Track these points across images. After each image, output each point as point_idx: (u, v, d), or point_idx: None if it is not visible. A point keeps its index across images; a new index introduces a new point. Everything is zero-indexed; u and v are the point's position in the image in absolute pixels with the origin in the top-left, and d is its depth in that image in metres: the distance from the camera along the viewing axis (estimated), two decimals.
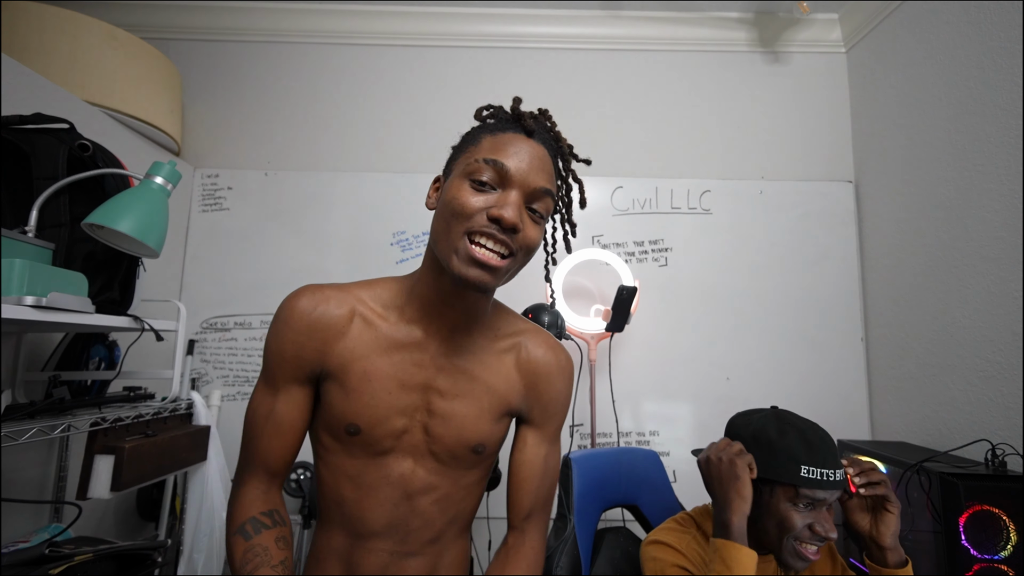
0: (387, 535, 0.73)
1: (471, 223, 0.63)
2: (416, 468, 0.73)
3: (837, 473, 0.89)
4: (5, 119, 1.03)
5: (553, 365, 0.78)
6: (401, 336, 0.72)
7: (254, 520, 0.70)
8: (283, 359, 0.71)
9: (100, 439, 1.12)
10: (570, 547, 1.26)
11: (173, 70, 1.82)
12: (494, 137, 0.67)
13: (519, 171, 0.64)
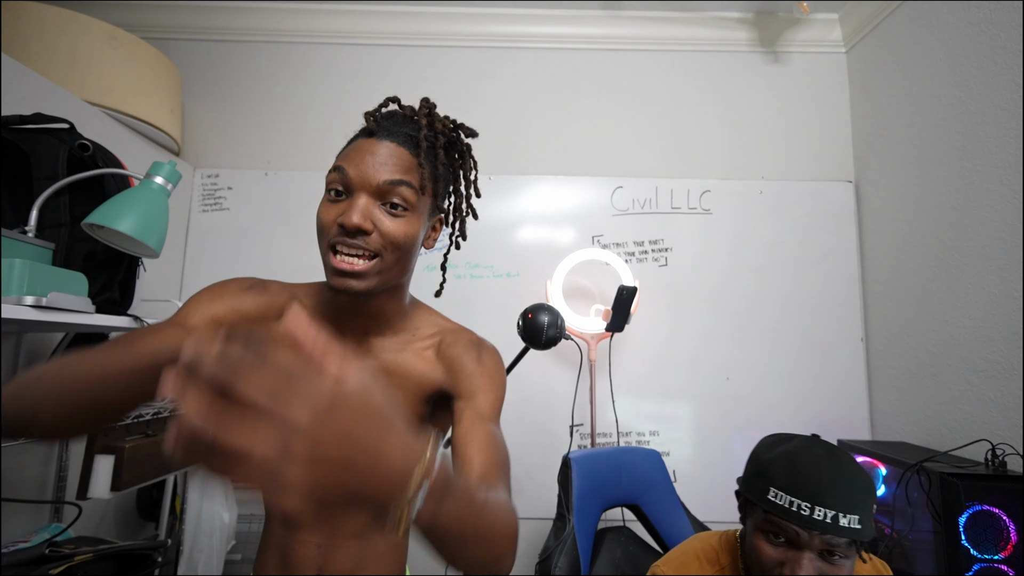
0: (315, 529, 0.74)
1: (329, 236, 0.65)
2: None
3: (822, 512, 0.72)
4: (5, 119, 1.03)
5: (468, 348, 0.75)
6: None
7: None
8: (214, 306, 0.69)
9: (100, 439, 1.12)
10: (569, 547, 1.25)
11: (173, 70, 1.82)
12: (346, 147, 0.68)
13: (359, 173, 0.64)
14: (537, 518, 1.84)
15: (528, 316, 1.35)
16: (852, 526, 0.71)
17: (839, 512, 0.71)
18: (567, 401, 1.84)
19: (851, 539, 0.72)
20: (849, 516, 0.72)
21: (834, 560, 0.73)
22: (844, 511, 0.72)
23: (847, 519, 0.71)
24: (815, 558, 0.73)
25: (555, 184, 2.01)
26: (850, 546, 0.73)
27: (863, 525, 0.72)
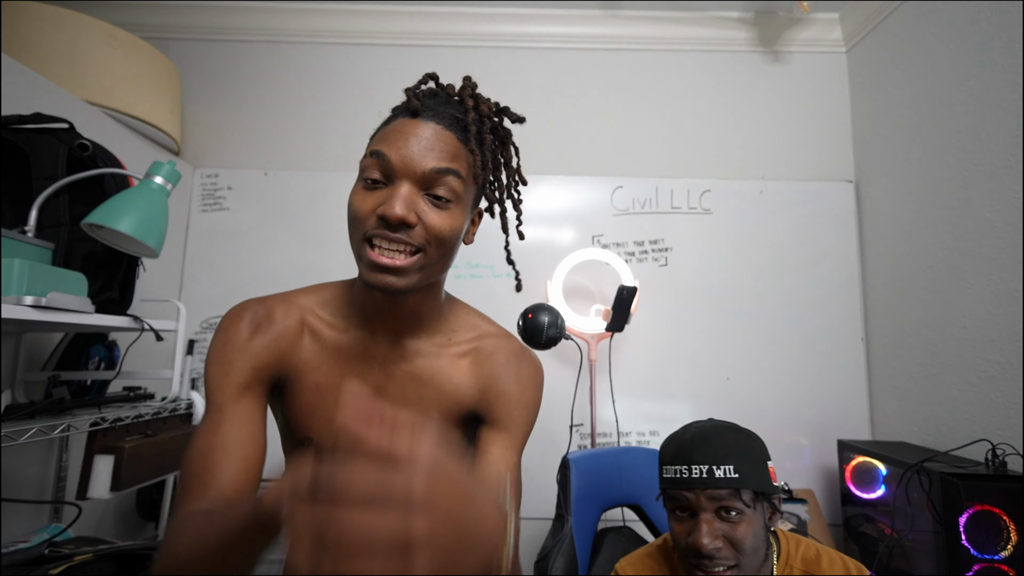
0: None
1: (365, 227, 0.59)
2: None
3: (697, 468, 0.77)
4: (5, 119, 1.03)
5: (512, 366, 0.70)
6: (350, 344, 0.68)
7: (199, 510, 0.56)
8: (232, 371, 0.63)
9: (100, 439, 1.12)
10: (566, 547, 1.25)
11: (173, 70, 1.82)
12: (384, 128, 0.63)
13: (402, 159, 0.58)
14: (536, 518, 1.84)
15: (528, 316, 1.35)
16: (729, 476, 0.76)
17: (712, 465, 0.77)
18: (567, 401, 1.83)
19: (733, 488, 0.76)
20: (724, 467, 0.77)
21: (732, 517, 0.76)
22: (717, 463, 0.77)
23: (722, 469, 0.76)
24: (714, 520, 0.77)
25: (555, 184, 2.00)
26: (740, 496, 0.77)
27: (741, 474, 0.76)
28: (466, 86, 0.69)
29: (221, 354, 0.64)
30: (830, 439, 1.81)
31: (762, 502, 0.80)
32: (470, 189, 0.64)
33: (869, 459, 1.55)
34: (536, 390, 0.72)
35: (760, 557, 0.78)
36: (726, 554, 0.76)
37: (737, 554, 0.76)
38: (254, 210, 1.96)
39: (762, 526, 0.79)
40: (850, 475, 1.63)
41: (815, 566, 0.83)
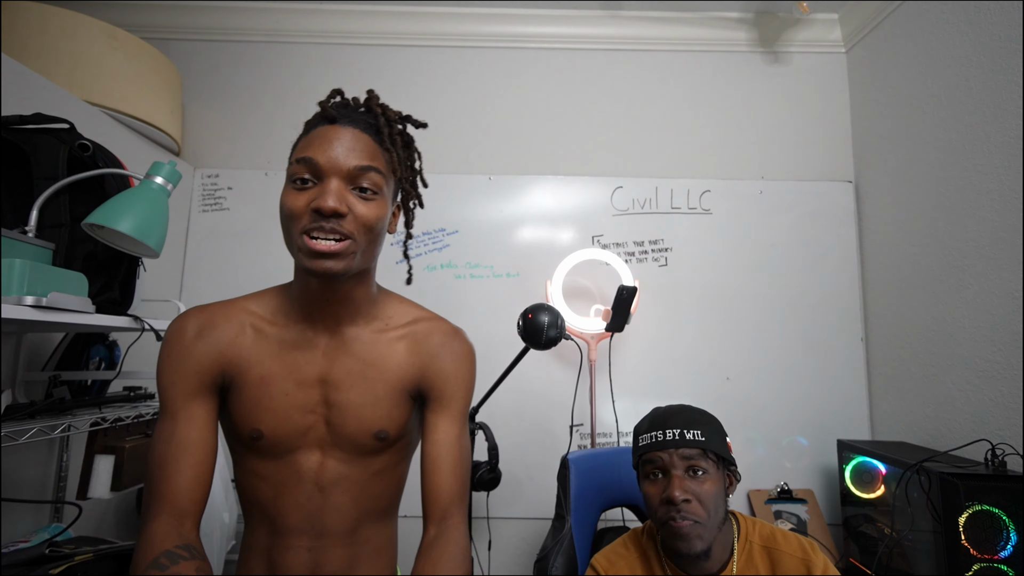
0: (304, 531, 0.74)
1: (302, 223, 0.65)
2: (325, 460, 0.75)
3: (671, 432, 0.90)
4: (5, 119, 1.04)
5: (446, 345, 0.79)
6: (291, 337, 0.74)
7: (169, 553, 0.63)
8: (180, 377, 0.70)
9: (100, 439, 1.12)
10: (566, 547, 1.26)
11: (173, 70, 1.82)
12: (305, 136, 0.70)
13: (328, 159, 0.66)
14: (536, 518, 1.84)
15: (528, 316, 1.35)
16: (697, 438, 0.89)
17: (683, 429, 0.90)
18: (567, 401, 1.84)
19: (701, 448, 0.89)
20: (693, 431, 0.90)
21: (699, 476, 0.89)
22: (687, 428, 0.90)
23: (692, 433, 0.90)
24: (684, 477, 0.89)
25: (555, 184, 2.01)
26: (707, 457, 0.89)
27: (707, 437, 0.90)
28: (372, 97, 0.75)
29: (168, 363, 0.71)
30: (830, 439, 1.81)
31: (723, 469, 0.92)
32: (391, 183, 0.72)
33: (869, 459, 1.56)
34: (471, 365, 0.81)
35: (719, 520, 0.89)
36: (694, 509, 0.86)
37: (702, 511, 0.87)
38: (254, 210, 1.96)
39: (722, 490, 0.91)
40: (850, 475, 1.63)
41: (772, 541, 0.94)
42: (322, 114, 0.70)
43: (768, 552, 0.93)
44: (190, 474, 0.68)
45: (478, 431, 1.49)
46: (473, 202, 1.98)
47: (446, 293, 1.93)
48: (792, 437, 1.87)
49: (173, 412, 0.70)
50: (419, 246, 1.94)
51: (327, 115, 0.69)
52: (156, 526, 0.65)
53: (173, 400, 0.70)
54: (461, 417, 0.80)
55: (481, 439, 1.47)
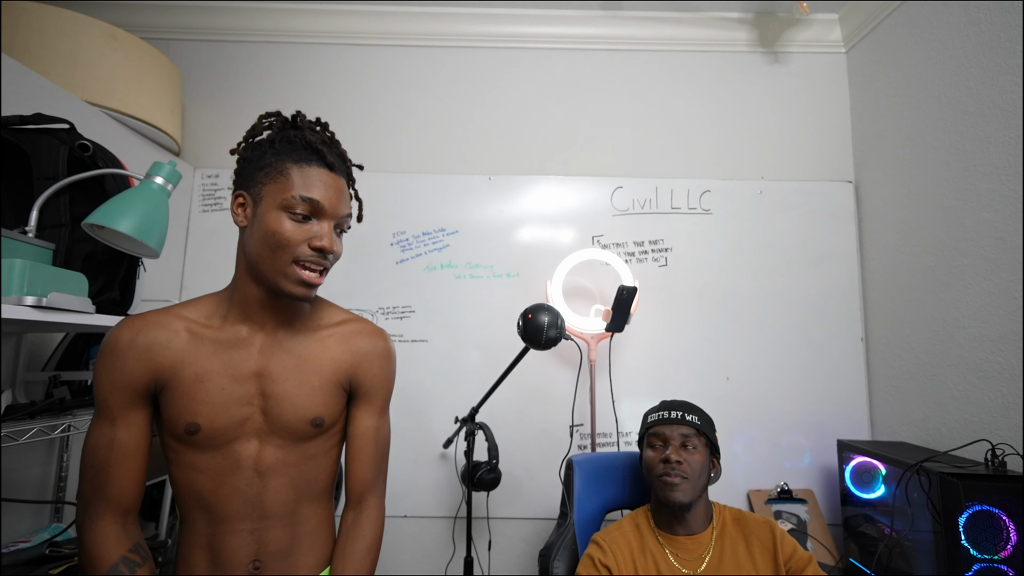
0: (245, 515, 0.80)
1: (296, 253, 0.77)
2: (263, 448, 0.82)
3: (675, 413, 1.19)
4: (5, 119, 1.04)
5: (373, 347, 0.90)
6: (228, 337, 0.82)
7: (126, 559, 0.73)
8: (116, 387, 0.76)
9: None
10: (569, 541, 1.27)
11: (173, 70, 1.82)
12: (301, 171, 0.78)
13: (330, 205, 0.78)
14: (536, 518, 1.84)
15: (528, 316, 1.35)
16: (694, 421, 1.18)
17: (684, 413, 1.19)
18: (567, 401, 1.84)
19: (696, 429, 1.17)
20: (691, 415, 1.19)
21: (690, 449, 1.15)
22: (687, 412, 1.20)
23: (691, 416, 1.19)
24: (679, 448, 1.15)
25: (555, 184, 2.01)
26: (699, 437, 1.17)
27: (701, 423, 1.19)
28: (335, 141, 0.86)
29: (104, 373, 0.77)
30: (830, 439, 1.81)
31: (709, 454, 1.18)
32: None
33: (869, 459, 1.56)
34: (393, 364, 0.94)
35: (701, 485, 1.14)
36: (684, 469, 1.13)
37: (689, 471, 1.13)
38: None
39: (706, 465, 1.16)
40: (850, 475, 1.63)
41: (740, 516, 1.18)
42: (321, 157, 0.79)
43: (738, 522, 1.17)
44: (132, 476, 0.77)
45: (478, 431, 1.49)
46: (473, 202, 1.98)
47: (446, 293, 1.93)
48: (792, 437, 1.87)
49: (112, 418, 0.77)
50: (419, 246, 1.94)
51: (327, 162, 0.79)
52: (104, 527, 0.74)
53: (111, 408, 0.77)
54: (381, 410, 0.92)
55: (481, 439, 1.47)
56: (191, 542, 0.81)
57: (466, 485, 1.49)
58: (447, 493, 1.83)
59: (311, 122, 0.85)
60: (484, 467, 1.48)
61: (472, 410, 1.54)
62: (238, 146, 0.85)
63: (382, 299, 1.91)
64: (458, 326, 1.91)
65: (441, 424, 1.83)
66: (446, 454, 1.82)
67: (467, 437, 1.51)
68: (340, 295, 1.81)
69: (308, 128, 0.83)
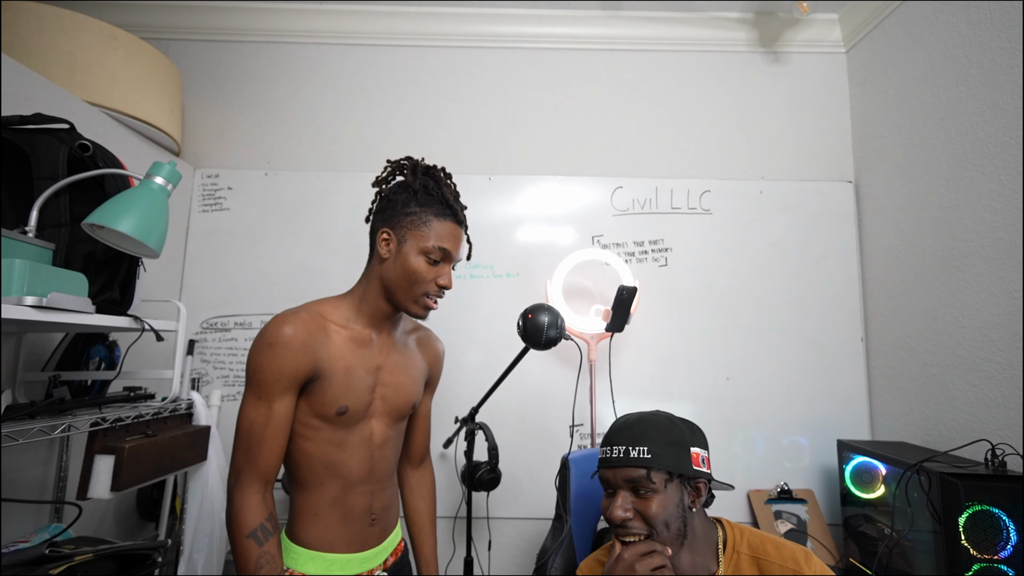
0: (367, 480, 1.01)
1: (426, 288, 1.01)
2: (377, 426, 1.04)
3: (615, 450, 0.88)
4: (5, 119, 1.04)
5: (440, 348, 1.21)
6: (359, 337, 1.02)
7: (263, 527, 0.89)
8: (282, 374, 0.91)
9: (100, 439, 1.12)
10: (566, 547, 1.26)
11: (173, 70, 1.82)
12: (440, 224, 1.00)
13: (455, 253, 1.03)
14: (536, 518, 1.84)
15: (528, 316, 1.35)
16: (642, 456, 0.86)
17: (628, 447, 0.87)
18: (567, 401, 1.84)
19: (645, 467, 0.85)
20: (638, 448, 0.86)
21: (643, 494, 0.86)
22: (633, 445, 0.87)
23: (636, 451, 0.86)
24: (628, 495, 0.87)
25: (555, 184, 2.01)
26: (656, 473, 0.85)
27: (653, 455, 0.86)
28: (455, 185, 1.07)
29: (273, 361, 0.91)
30: (830, 439, 1.81)
31: (679, 483, 0.87)
32: None
33: (869, 459, 1.56)
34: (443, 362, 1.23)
35: (675, 531, 0.86)
36: (636, 525, 0.85)
37: (648, 526, 0.85)
38: (254, 210, 1.96)
39: (676, 504, 0.86)
40: (850, 475, 1.63)
41: (762, 552, 0.89)
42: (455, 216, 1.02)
43: (757, 563, 0.89)
44: (278, 451, 0.93)
45: (478, 431, 1.49)
46: (473, 202, 1.97)
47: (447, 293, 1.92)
48: (792, 437, 1.87)
49: (270, 400, 0.91)
50: None
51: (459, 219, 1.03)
52: (251, 494, 0.90)
53: (272, 391, 0.91)
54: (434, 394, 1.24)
55: (481, 439, 1.47)
56: (323, 502, 0.97)
57: (466, 485, 1.49)
58: (447, 493, 1.83)
59: (444, 174, 1.05)
60: (484, 467, 1.48)
61: (472, 410, 1.54)
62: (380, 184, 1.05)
63: None
64: (458, 326, 1.91)
65: (441, 424, 1.83)
66: (446, 454, 1.82)
67: (467, 437, 1.51)
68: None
69: (444, 183, 1.03)
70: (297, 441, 0.97)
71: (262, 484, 0.91)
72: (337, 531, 0.98)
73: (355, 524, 1.00)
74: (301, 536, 0.98)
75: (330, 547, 0.98)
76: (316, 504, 0.98)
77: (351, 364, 0.98)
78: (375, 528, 1.03)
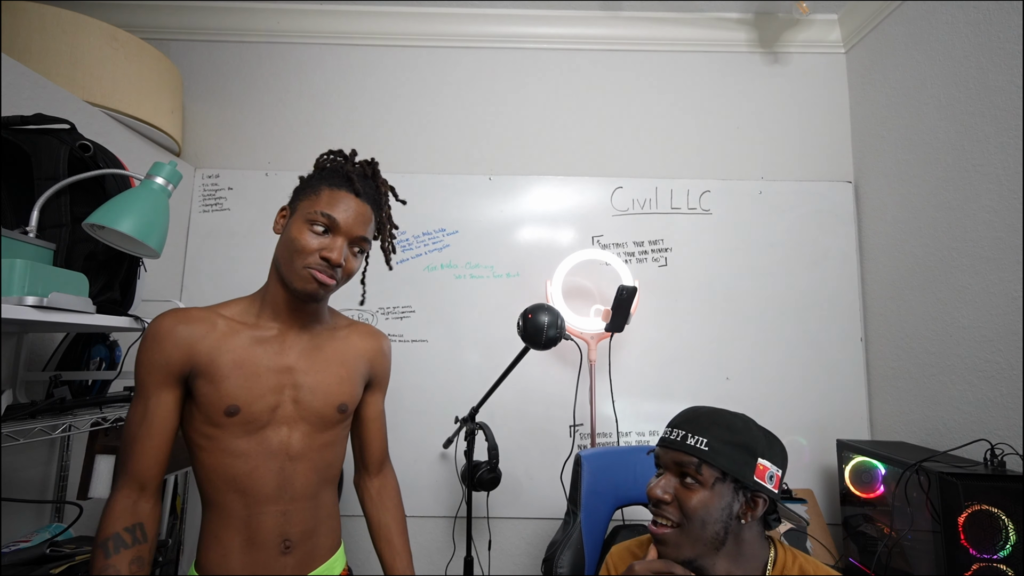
0: (278, 497, 0.89)
1: (308, 259, 0.87)
2: (292, 435, 0.91)
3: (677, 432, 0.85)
4: (6, 120, 1.04)
5: (384, 345, 1.08)
6: (261, 333, 0.92)
7: (117, 537, 0.79)
8: (153, 368, 0.84)
9: (101, 439, 1.12)
10: (574, 541, 1.26)
11: (174, 70, 1.83)
12: (331, 192, 0.89)
13: (346, 223, 0.88)
14: (536, 518, 1.85)
15: (528, 316, 1.35)
16: (698, 446, 0.82)
17: (688, 433, 0.84)
18: (567, 401, 1.84)
19: (698, 457, 0.81)
20: (697, 437, 0.83)
21: (686, 483, 0.82)
22: (694, 433, 0.83)
23: (695, 439, 0.83)
24: (673, 480, 0.84)
25: (555, 184, 2.01)
26: (707, 468, 0.81)
27: (711, 448, 0.81)
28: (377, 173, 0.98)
29: (144, 355, 0.85)
30: (829, 439, 1.81)
31: (733, 488, 0.81)
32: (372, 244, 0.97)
33: (868, 459, 1.56)
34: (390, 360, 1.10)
35: (712, 534, 0.81)
36: (670, 511, 0.82)
37: (681, 516, 0.81)
38: (255, 210, 1.96)
39: (722, 508, 0.81)
40: (849, 475, 1.63)
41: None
42: (349, 183, 0.90)
43: None
44: (153, 453, 0.84)
45: (478, 431, 1.49)
46: (473, 202, 1.99)
47: (446, 293, 1.93)
48: (792, 437, 1.87)
49: (145, 397, 0.84)
50: (419, 246, 1.94)
51: (354, 189, 0.90)
52: (118, 499, 0.82)
53: (146, 387, 0.84)
54: (384, 396, 1.10)
55: (481, 439, 1.47)
56: (224, 524, 0.87)
57: (466, 485, 1.49)
58: (447, 493, 1.83)
59: (363, 160, 0.98)
60: (484, 467, 1.48)
61: (472, 410, 1.54)
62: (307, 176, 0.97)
63: (382, 299, 1.91)
64: (458, 326, 1.91)
65: (441, 424, 1.83)
66: (446, 454, 1.82)
67: (467, 437, 1.51)
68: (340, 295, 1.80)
69: (352, 162, 0.96)
70: (194, 452, 0.89)
71: (135, 488, 0.82)
72: (238, 558, 0.86)
73: (261, 551, 0.87)
74: (202, 562, 0.88)
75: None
76: (216, 525, 0.87)
77: (243, 360, 0.87)
78: (289, 558, 0.89)
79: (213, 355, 0.86)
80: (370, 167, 0.98)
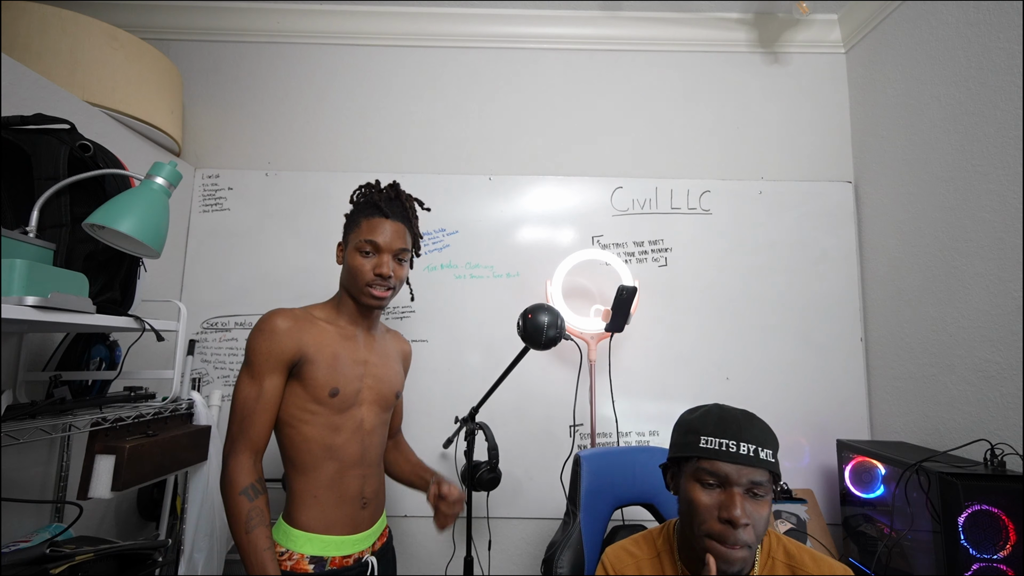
0: (360, 463, 1.13)
1: (366, 278, 1.12)
2: (367, 414, 1.15)
3: (746, 447, 0.80)
4: (6, 119, 1.04)
5: (407, 348, 1.37)
6: (344, 333, 1.16)
7: (253, 487, 1.00)
8: (271, 355, 1.04)
9: (101, 439, 1.12)
10: (574, 541, 1.26)
11: (174, 70, 1.83)
12: (368, 222, 1.13)
13: (385, 243, 1.12)
14: (536, 518, 1.85)
15: (528, 316, 1.35)
16: (769, 459, 0.82)
17: (759, 447, 0.82)
18: (567, 401, 1.84)
19: (770, 471, 0.81)
20: (766, 451, 0.82)
21: (758, 498, 0.81)
22: (762, 446, 0.82)
23: (765, 453, 0.82)
24: (745, 497, 0.81)
25: (555, 184, 2.01)
26: (769, 482, 0.82)
27: (776, 461, 0.83)
28: (401, 193, 1.20)
29: (263, 343, 1.05)
30: (829, 439, 1.81)
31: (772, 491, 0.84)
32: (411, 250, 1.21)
33: (868, 459, 1.56)
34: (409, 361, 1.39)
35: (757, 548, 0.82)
36: (748, 535, 0.79)
37: (754, 538, 0.80)
38: (254, 210, 1.96)
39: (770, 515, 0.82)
40: (849, 475, 1.63)
41: (799, 561, 0.88)
42: (380, 211, 1.13)
43: (792, 571, 0.87)
44: (267, 425, 1.05)
45: (478, 431, 1.49)
46: (473, 202, 1.99)
47: (446, 293, 1.93)
48: (792, 437, 1.88)
49: (260, 378, 1.04)
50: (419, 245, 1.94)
51: (384, 213, 1.13)
52: (244, 459, 1.01)
53: (263, 371, 1.04)
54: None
55: (481, 439, 1.47)
56: (320, 484, 1.07)
57: (466, 485, 1.49)
58: None
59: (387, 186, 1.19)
60: (484, 467, 1.48)
61: (472, 410, 1.54)
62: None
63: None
64: (458, 326, 1.91)
65: (441, 424, 1.83)
66: (446, 454, 1.82)
67: (467, 437, 1.51)
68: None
69: (379, 190, 1.17)
70: (298, 426, 1.07)
71: (253, 452, 1.02)
72: (333, 513, 1.08)
73: (348, 506, 1.09)
74: (299, 519, 1.06)
75: (326, 529, 1.07)
76: (314, 486, 1.07)
77: (337, 352, 1.10)
78: (366, 512, 1.13)
79: (318, 347, 1.08)
80: (393, 190, 1.18)
